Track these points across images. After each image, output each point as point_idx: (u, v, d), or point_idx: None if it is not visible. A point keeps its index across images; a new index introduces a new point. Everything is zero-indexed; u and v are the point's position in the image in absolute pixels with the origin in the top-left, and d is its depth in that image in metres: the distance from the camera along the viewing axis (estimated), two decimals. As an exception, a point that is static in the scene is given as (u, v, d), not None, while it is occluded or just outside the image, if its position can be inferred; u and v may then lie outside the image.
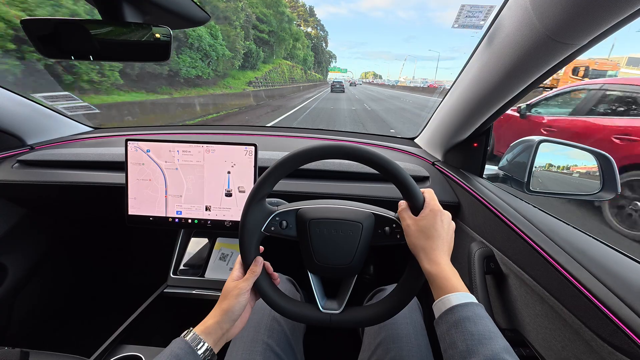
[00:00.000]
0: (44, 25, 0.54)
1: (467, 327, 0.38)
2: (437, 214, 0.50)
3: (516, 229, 0.63)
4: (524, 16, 0.46)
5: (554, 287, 0.53)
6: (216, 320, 0.49)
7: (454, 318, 0.40)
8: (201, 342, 0.47)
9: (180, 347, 0.45)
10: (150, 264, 1.11)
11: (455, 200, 0.88)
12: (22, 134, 1.11)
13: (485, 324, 0.39)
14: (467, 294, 0.43)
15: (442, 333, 0.41)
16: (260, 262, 0.55)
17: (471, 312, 0.40)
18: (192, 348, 0.46)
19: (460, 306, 0.41)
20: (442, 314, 0.42)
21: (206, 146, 0.86)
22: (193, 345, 0.46)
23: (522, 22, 0.47)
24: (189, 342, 0.46)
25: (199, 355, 0.46)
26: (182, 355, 0.44)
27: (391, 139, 1.26)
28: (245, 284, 0.52)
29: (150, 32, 0.54)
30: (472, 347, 0.36)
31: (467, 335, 0.37)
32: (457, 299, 0.42)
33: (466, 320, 0.39)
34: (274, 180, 0.55)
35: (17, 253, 1.14)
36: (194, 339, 0.47)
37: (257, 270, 0.53)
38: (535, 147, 0.82)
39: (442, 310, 0.42)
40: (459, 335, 0.38)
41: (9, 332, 1.13)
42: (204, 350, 0.47)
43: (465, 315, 0.40)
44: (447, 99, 0.88)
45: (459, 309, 0.40)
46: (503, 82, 0.60)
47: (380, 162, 0.53)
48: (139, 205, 0.89)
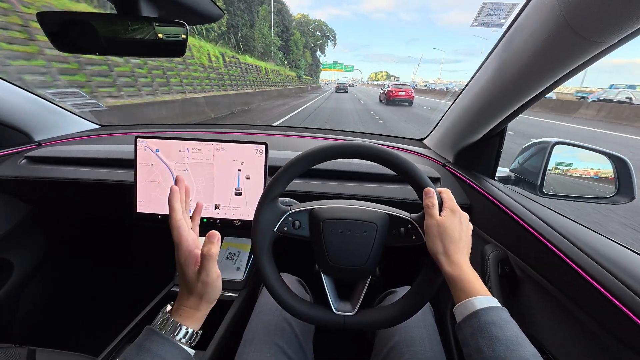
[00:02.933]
0: (60, 19, 0.54)
1: (493, 332, 0.37)
2: (457, 215, 0.50)
3: (532, 230, 0.61)
4: (550, 13, 0.45)
5: (574, 291, 0.51)
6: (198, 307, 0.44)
7: (478, 322, 0.39)
8: (178, 328, 0.41)
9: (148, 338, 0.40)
10: (157, 263, 1.10)
11: (466, 202, 0.86)
12: (29, 130, 1.10)
13: (511, 329, 0.38)
14: (490, 298, 0.42)
15: (466, 337, 0.40)
16: (213, 237, 0.44)
17: (496, 317, 0.39)
18: (162, 335, 0.40)
19: (485, 310, 0.40)
20: (466, 317, 0.41)
21: (216, 144, 0.85)
22: (165, 331, 0.41)
23: (548, 19, 0.46)
24: (158, 330, 0.41)
25: (174, 340, 0.40)
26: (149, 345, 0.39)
27: (399, 139, 1.25)
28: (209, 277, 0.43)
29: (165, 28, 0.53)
30: (499, 352, 0.35)
31: (494, 341, 0.36)
32: (481, 303, 0.41)
33: (491, 325, 0.38)
34: (286, 180, 0.55)
35: (22, 249, 1.13)
36: (166, 326, 0.41)
37: (214, 251, 0.43)
38: (550, 149, 0.81)
39: (464, 314, 0.41)
40: (485, 340, 0.37)
41: (15, 329, 1.13)
42: (184, 334, 0.41)
43: (490, 320, 0.39)
44: (460, 100, 0.87)
45: (483, 313, 0.39)
46: (523, 81, 0.59)
47: (394, 160, 0.52)
48: (148, 204, 0.88)
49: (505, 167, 0.97)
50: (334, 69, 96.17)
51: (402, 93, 17.46)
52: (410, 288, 0.56)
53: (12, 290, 1.10)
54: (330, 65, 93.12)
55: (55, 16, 0.51)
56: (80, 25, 0.53)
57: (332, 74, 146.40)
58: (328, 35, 69.52)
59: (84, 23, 0.52)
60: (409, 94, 17.40)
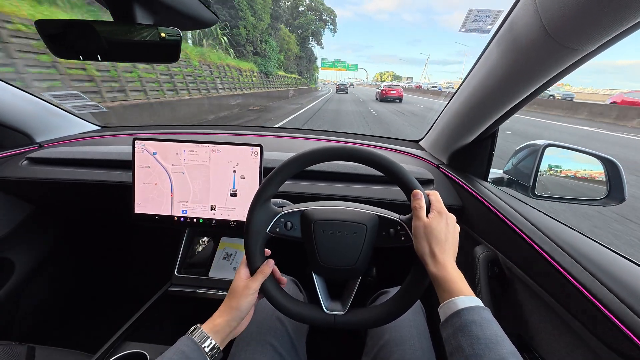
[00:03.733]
0: (56, 26, 0.55)
1: (473, 331, 0.38)
2: (443, 217, 0.51)
3: (520, 233, 0.62)
4: (532, 21, 0.46)
5: (558, 292, 0.52)
6: (225, 319, 0.50)
7: (460, 322, 0.40)
8: (208, 340, 0.47)
9: (187, 345, 0.46)
10: (155, 263, 1.12)
11: (459, 203, 0.87)
12: (31, 131, 1.12)
13: (492, 328, 0.39)
14: (473, 298, 0.43)
15: (448, 336, 0.41)
16: (271, 264, 0.55)
17: (477, 316, 0.40)
18: (199, 346, 0.46)
19: (467, 310, 0.41)
20: (448, 317, 0.42)
21: (212, 146, 0.87)
22: (200, 343, 0.47)
23: (530, 27, 0.47)
24: (196, 340, 0.47)
25: (206, 353, 0.46)
26: (188, 352, 0.45)
27: (396, 141, 1.26)
28: (254, 283, 0.53)
29: (160, 33, 0.54)
30: (479, 351, 0.36)
31: (474, 340, 0.37)
32: (463, 303, 0.42)
33: (472, 324, 0.39)
34: (278, 182, 0.56)
35: (23, 249, 1.15)
36: (201, 337, 0.47)
37: (266, 271, 0.54)
38: (541, 152, 0.82)
39: (447, 313, 0.42)
40: (466, 339, 0.38)
41: (16, 327, 1.15)
42: (210, 348, 0.47)
43: (471, 319, 0.40)
44: (453, 102, 0.88)
45: (465, 313, 0.40)
46: (509, 86, 0.60)
47: (383, 162, 0.53)
48: (145, 204, 0.90)
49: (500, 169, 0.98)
50: (336, 68, 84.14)
51: (393, 92, 20.86)
52: (400, 288, 0.57)
53: (13, 289, 1.12)
54: (332, 63, 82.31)
55: (51, 23, 0.53)
56: (76, 31, 0.54)
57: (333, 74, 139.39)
58: (325, 19, 48.82)
59: (81, 29, 0.53)
60: (399, 92, 20.83)
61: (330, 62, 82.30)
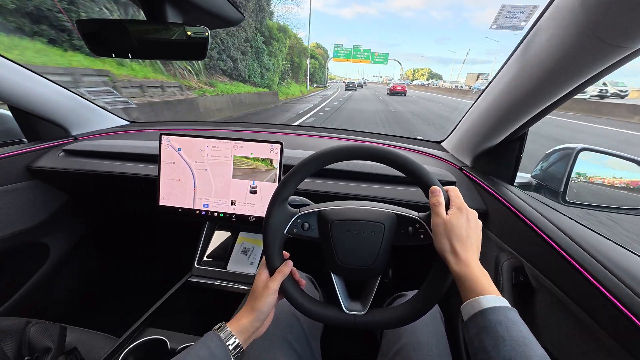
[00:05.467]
0: (94, 25, 0.58)
1: (498, 331, 0.36)
2: (464, 212, 0.49)
3: (550, 241, 0.59)
4: (571, 16, 0.44)
5: (591, 306, 0.49)
6: (249, 320, 0.51)
7: (484, 321, 0.38)
8: (233, 338, 0.48)
9: (213, 341, 0.47)
10: (176, 254, 1.16)
11: (483, 207, 0.84)
12: (67, 125, 1.20)
13: (519, 330, 0.37)
14: (498, 297, 0.41)
15: (471, 336, 0.39)
16: (289, 264, 0.56)
17: (503, 317, 0.38)
18: (224, 343, 0.47)
19: (492, 309, 0.39)
20: (472, 316, 0.40)
21: (234, 142, 0.89)
22: (225, 340, 0.48)
23: (569, 23, 0.45)
24: (223, 338, 0.48)
25: (230, 351, 0.47)
26: (213, 348, 0.46)
27: (417, 141, 1.24)
28: (274, 284, 0.53)
29: (189, 32, 0.56)
30: (504, 353, 0.35)
31: (499, 341, 0.36)
32: (488, 302, 0.40)
33: (497, 325, 0.37)
34: (296, 182, 0.56)
35: (58, 235, 1.23)
36: (226, 335, 0.48)
37: (285, 271, 0.55)
38: (575, 156, 0.78)
39: (471, 313, 0.41)
40: (490, 340, 0.36)
41: (50, 308, 1.23)
42: (234, 347, 0.48)
43: (496, 319, 0.38)
44: (479, 102, 0.84)
45: (490, 313, 0.39)
46: (544, 86, 0.57)
47: (400, 160, 0.52)
48: (169, 198, 0.93)
49: (527, 173, 0.94)
50: (356, 59, 55.42)
51: (399, 88, 31.16)
52: (420, 288, 0.55)
53: (49, 273, 1.20)
54: (349, 52, 54.36)
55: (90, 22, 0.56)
56: (112, 30, 0.57)
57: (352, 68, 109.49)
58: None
59: (115, 28, 0.56)
60: (404, 89, 31.61)
61: (346, 50, 54.83)
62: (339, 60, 54.41)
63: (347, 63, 71.34)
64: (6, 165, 1.02)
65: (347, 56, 54.92)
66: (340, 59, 54.34)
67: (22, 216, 1.07)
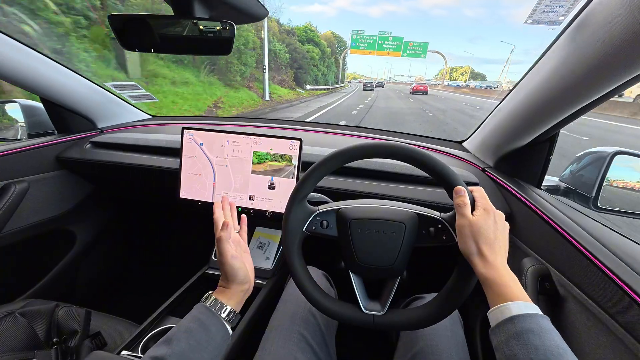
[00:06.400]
0: (125, 20, 0.60)
1: (531, 340, 0.35)
2: (491, 214, 0.47)
3: (581, 247, 0.56)
4: (620, 8, 0.41)
5: (626, 317, 0.47)
6: (227, 285, 0.52)
7: (514, 329, 0.37)
8: (219, 304, 0.49)
9: (202, 312, 0.48)
10: (195, 246, 1.19)
11: (507, 210, 0.81)
12: (94, 118, 1.24)
13: (552, 339, 0.35)
14: (529, 304, 0.39)
15: (500, 343, 0.38)
16: (228, 225, 0.53)
17: (535, 324, 0.36)
18: (211, 310, 0.48)
19: (523, 317, 0.37)
20: (500, 323, 0.39)
21: (254, 138, 0.89)
22: (212, 307, 0.49)
23: (617, 15, 0.42)
24: (209, 306, 0.49)
25: (219, 316, 0.48)
26: (203, 318, 0.47)
27: (437, 141, 1.21)
28: (227, 248, 0.51)
29: (216, 27, 0.57)
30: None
31: (531, 349, 0.34)
32: (519, 309, 0.38)
33: (529, 333, 0.36)
34: (315, 180, 0.56)
35: (84, 224, 1.29)
36: (213, 303, 0.49)
37: (225, 234, 0.52)
38: (609, 160, 0.74)
39: (500, 319, 0.39)
40: (521, 348, 0.35)
41: (77, 293, 1.29)
42: (224, 311, 0.49)
43: (528, 327, 0.36)
44: (507, 101, 0.81)
45: (521, 320, 0.37)
46: (584, 83, 0.54)
47: (422, 158, 0.51)
48: (189, 191, 0.95)
49: (555, 176, 0.90)
50: (381, 52, 38.52)
51: (421, 88, 33.04)
52: (442, 289, 0.54)
53: (75, 259, 1.25)
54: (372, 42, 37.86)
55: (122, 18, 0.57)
56: (142, 24, 0.58)
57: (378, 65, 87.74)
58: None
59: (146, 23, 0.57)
60: (425, 88, 33.72)
61: (368, 39, 37.80)
62: (358, 52, 37.71)
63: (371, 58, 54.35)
64: (37, 155, 1.07)
65: (370, 47, 37.41)
66: (359, 51, 37.35)
67: (51, 204, 1.12)
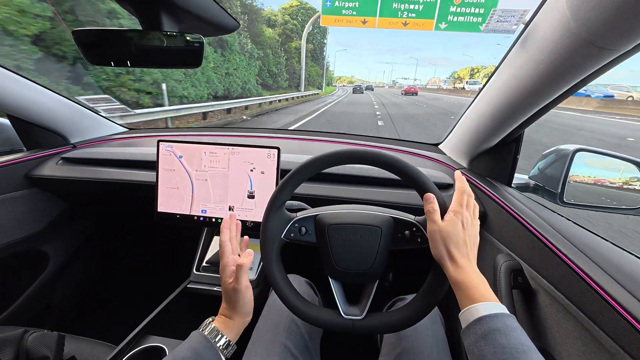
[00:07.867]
0: (91, 34, 0.59)
1: (497, 339, 0.36)
2: (459, 217, 0.49)
3: (547, 242, 0.59)
4: (561, 20, 0.44)
5: (590, 307, 0.49)
6: (231, 316, 0.52)
7: (482, 329, 0.38)
8: (219, 335, 0.49)
9: (199, 342, 0.47)
10: (175, 260, 1.16)
11: (481, 210, 0.84)
12: (66, 133, 1.20)
13: (517, 337, 0.37)
14: (496, 304, 0.41)
15: (470, 345, 0.39)
16: (251, 254, 0.54)
17: (501, 324, 0.38)
18: (210, 342, 0.47)
19: (490, 317, 0.39)
20: (470, 324, 0.40)
21: (231, 148, 0.89)
22: (211, 337, 0.48)
23: (559, 26, 0.45)
24: (208, 336, 0.48)
25: (217, 348, 0.47)
26: (200, 349, 0.46)
27: (414, 144, 1.24)
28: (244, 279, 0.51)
29: (184, 40, 0.57)
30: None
31: (498, 348, 0.36)
32: (486, 309, 0.40)
33: (496, 332, 0.37)
34: (292, 188, 0.56)
35: (57, 243, 1.23)
36: (212, 332, 0.49)
37: (247, 263, 0.52)
38: (571, 157, 0.78)
39: (469, 320, 0.41)
40: (489, 348, 0.36)
41: (48, 317, 1.22)
42: (223, 343, 0.48)
43: (495, 327, 0.38)
44: (475, 104, 0.85)
45: (488, 320, 0.39)
46: (537, 88, 0.58)
47: (395, 164, 0.53)
48: (167, 204, 0.93)
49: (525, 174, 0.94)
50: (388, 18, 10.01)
51: (412, 89, 39.66)
52: (418, 292, 0.55)
53: (48, 281, 1.19)
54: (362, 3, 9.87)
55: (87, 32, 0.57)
56: (109, 39, 0.57)
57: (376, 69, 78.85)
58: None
59: (112, 38, 0.56)
60: (415, 90, 40.10)
61: None
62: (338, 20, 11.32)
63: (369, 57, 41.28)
64: (5, 173, 1.02)
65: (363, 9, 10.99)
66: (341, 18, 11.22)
67: (21, 224, 1.07)
